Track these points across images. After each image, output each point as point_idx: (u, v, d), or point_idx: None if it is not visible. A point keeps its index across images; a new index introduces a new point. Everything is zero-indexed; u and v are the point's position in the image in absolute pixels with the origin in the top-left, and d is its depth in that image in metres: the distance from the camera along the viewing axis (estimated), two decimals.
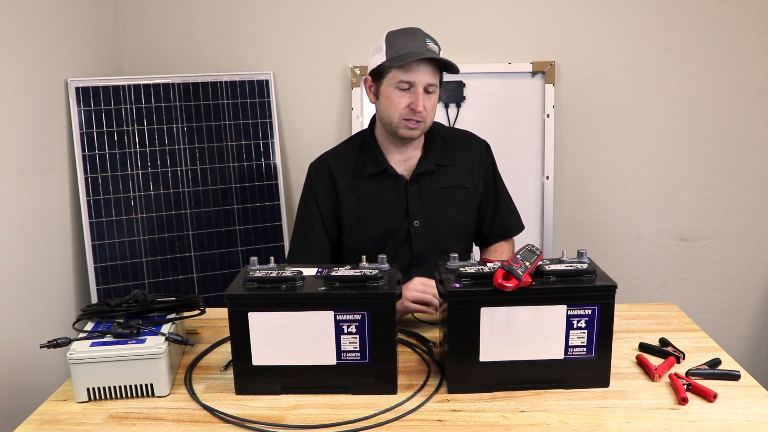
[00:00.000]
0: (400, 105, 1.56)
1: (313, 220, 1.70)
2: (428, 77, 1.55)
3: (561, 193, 2.44)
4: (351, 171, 1.68)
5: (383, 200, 1.66)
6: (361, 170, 1.68)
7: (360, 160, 1.69)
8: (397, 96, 1.56)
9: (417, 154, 1.68)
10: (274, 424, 1.12)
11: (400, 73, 1.54)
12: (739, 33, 2.31)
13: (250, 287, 1.20)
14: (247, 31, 2.38)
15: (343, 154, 1.73)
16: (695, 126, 2.39)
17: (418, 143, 1.69)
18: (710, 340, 1.42)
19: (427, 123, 1.60)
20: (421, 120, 1.57)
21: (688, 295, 2.53)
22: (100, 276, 2.10)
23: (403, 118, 1.57)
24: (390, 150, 1.68)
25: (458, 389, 1.21)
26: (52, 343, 1.22)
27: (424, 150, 1.69)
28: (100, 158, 2.11)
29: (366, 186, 1.67)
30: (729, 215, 2.46)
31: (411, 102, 1.55)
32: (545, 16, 2.34)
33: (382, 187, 1.67)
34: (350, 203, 1.67)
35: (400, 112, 1.56)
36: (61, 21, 2.01)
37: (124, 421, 1.14)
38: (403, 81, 1.54)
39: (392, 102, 1.57)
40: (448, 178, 1.69)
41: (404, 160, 1.68)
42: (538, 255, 1.21)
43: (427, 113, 1.57)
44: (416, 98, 1.54)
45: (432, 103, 1.58)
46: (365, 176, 1.67)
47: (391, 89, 1.57)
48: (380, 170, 1.66)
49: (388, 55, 1.55)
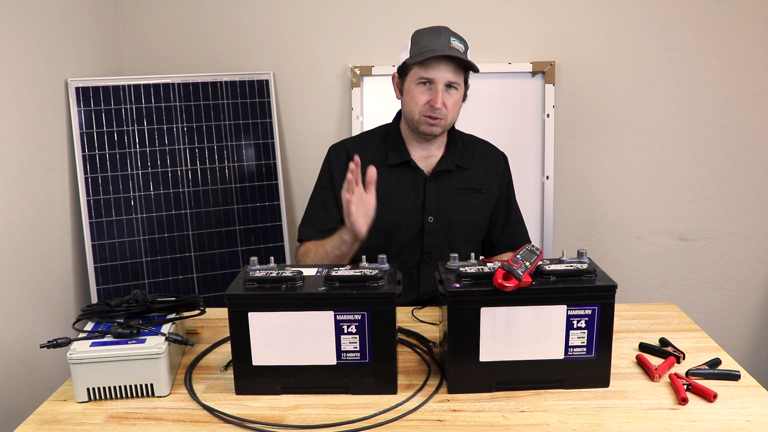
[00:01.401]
0: (420, 101, 1.59)
1: (326, 199, 1.71)
2: (449, 75, 1.57)
3: (561, 193, 2.44)
4: (370, 159, 1.69)
5: (401, 192, 1.68)
6: (381, 159, 1.69)
7: (382, 149, 1.71)
8: (419, 92, 1.60)
9: (439, 153, 1.71)
10: (274, 424, 1.12)
11: (420, 70, 1.58)
12: (739, 33, 2.31)
13: (250, 287, 1.20)
14: (247, 31, 2.38)
15: (365, 141, 1.75)
16: (695, 126, 2.39)
17: (440, 142, 1.71)
18: (710, 340, 1.42)
19: (448, 120, 1.63)
20: (440, 117, 1.60)
21: (688, 295, 2.53)
22: (100, 276, 2.10)
23: (423, 114, 1.60)
24: (413, 145, 1.70)
25: (458, 389, 1.21)
26: (52, 343, 1.22)
27: (445, 150, 1.71)
28: (100, 158, 2.11)
29: (385, 175, 1.67)
30: (729, 215, 2.46)
31: (431, 99, 1.58)
32: (545, 16, 2.34)
33: (402, 179, 1.69)
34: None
35: (421, 108, 1.60)
36: (61, 21, 2.01)
37: (124, 421, 1.14)
38: (423, 78, 1.58)
39: (413, 98, 1.60)
40: (466, 181, 1.71)
41: (425, 156, 1.70)
42: (538, 255, 1.21)
43: (448, 111, 1.60)
44: (435, 95, 1.57)
45: (453, 100, 1.61)
46: (386, 166, 1.68)
47: (413, 86, 1.61)
48: (402, 162, 1.68)
49: (412, 53, 1.59)
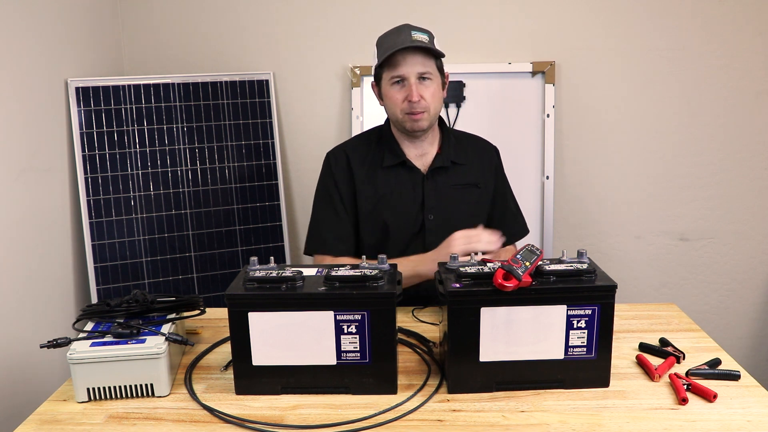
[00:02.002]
0: (398, 100, 1.59)
1: (336, 205, 1.69)
2: (417, 66, 1.57)
3: (561, 193, 2.44)
4: (368, 162, 1.70)
5: (399, 192, 1.68)
6: (378, 162, 1.69)
7: (377, 151, 1.71)
8: (394, 92, 1.60)
9: (433, 150, 1.71)
10: (274, 424, 1.12)
11: (391, 70, 1.58)
12: (739, 33, 2.31)
13: (250, 287, 1.20)
14: (247, 31, 2.38)
15: (360, 145, 1.75)
16: (695, 126, 2.39)
17: (432, 139, 1.71)
18: (710, 340, 1.42)
19: (432, 112, 1.62)
20: (422, 110, 1.59)
21: (688, 295, 2.53)
22: (100, 276, 2.10)
23: (405, 112, 1.60)
24: (406, 145, 1.70)
25: (458, 389, 1.21)
26: (52, 343, 1.22)
27: (439, 147, 1.71)
28: (100, 158, 2.11)
29: (383, 177, 1.68)
30: (729, 215, 2.46)
31: (407, 95, 1.57)
32: (545, 16, 2.34)
33: (400, 179, 1.69)
34: (367, 193, 1.68)
35: (401, 107, 1.60)
36: (61, 21, 2.01)
37: (124, 421, 1.14)
38: (395, 76, 1.58)
39: (391, 99, 1.61)
40: (463, 176, 1.71)
41: (420, 155, 1.70)
42: (538, 255, 1.21)
43: (428, 102, 1.59)
44: (410, 89, 1.57)
45: (431, 91, 1.60)
46: (382, 167, 1.69)
47: (388, 87, 1.61)
48: (398, 162, 1.68)
49: (379, 57, 1.59)
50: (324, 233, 1.70)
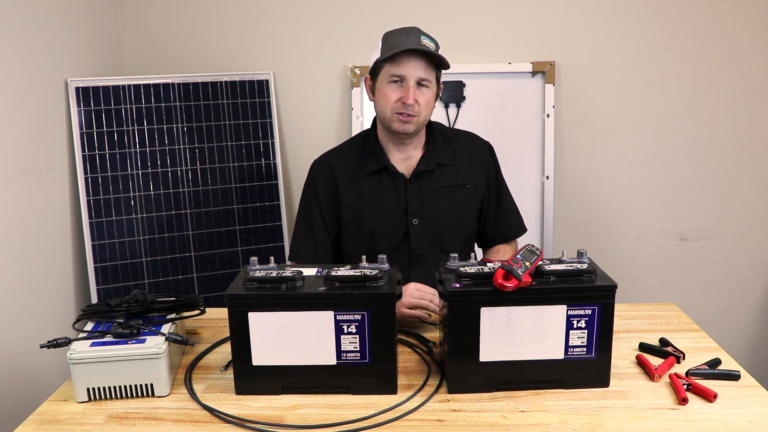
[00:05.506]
0: (392, 98, 1.57)
1: (314, 220, 1.71)
2: (420, 71, 1.55)
3: (561, 193, 2.44)
4: (352, 168, 1.69)
5: (383, 197, 1.67)
6: (362, 168, 1.68)
7: (361, 157, 1.70)
8: (390, 90, 1.57)
9: (418, 153, 1.69)
10: (274, 424, 1.12)
11: (392, 68, 1.56)
12: (739, 33, 2.31)
13: (250, 287, 1.20)
14: (247, 31, 2.38)
15: (345, 151, 1.74)
16: (695, 126, 2.39)
17: (418, 142, 1.69)
18: (710, 340, 1.42)
19: (421, 118, 1.60)
20: (413, 114, 1.57)
21: (688, 295, 2.53)
22: (100, 276, 2.10)
23: (395, 111, 1.58)
24: (390, 149, 1.68)
25: (458, 389, 1.21)
26: (52, 343, 1.22)
27: (425, 149, 1.69)
28: (100, 158, 2.11)
29: (366, 183, 1.67)
30: (729, 215, 2.46)
31: (402, 95, 1.56)
32: (545, 16, 2.34)
33: (382, 185, 1.67)
34: (350, 200, 1.68)
35: (393, 105, 1.57)
36: (61, 21, 2.01)
37: (124, 421, 1.14)
38: (395, 75, 1.56)
39: (385, 96, 1.58)
40: (449, 178, 1.69)
41: (405, 158, 1.68)
42: (538, 255, 1.21)
43: (420, 108, 1.57)
44: (407, 91, 1.55)
45: (426, 98, 1.58)
46: (366, 173, 1.67)
47: (384, 84, 1.59)
48: (380, 168, 1.67)
49: (382, 52, 1.57)
50: (297, 244, 1.73)
